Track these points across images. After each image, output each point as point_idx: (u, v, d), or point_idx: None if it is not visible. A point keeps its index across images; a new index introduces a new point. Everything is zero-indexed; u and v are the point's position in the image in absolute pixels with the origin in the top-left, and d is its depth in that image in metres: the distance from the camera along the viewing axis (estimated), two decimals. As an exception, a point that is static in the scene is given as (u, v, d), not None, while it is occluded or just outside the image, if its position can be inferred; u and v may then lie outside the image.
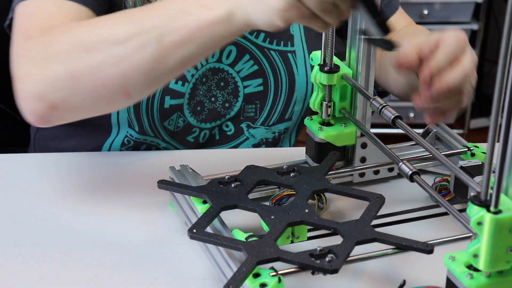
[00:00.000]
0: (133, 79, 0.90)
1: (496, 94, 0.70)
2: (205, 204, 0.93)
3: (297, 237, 0.89)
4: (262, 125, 1.21)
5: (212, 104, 1.18)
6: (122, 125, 1.15)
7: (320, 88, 1.02)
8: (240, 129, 1.20)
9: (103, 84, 0.90)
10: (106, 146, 1.17)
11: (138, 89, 0.91)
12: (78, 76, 0.90)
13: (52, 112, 0.93)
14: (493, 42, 2.90)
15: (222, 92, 1.18)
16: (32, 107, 0.93)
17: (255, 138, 1.21)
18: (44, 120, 0.94)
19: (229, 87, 1.18)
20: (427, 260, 0.87)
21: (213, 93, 1.17)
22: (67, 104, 0.92)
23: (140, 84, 0.91)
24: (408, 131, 0.93)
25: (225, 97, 1.18)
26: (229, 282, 0.79)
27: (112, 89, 0.90)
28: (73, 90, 0.91)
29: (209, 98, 1.17)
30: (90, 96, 0.91)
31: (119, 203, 1.01)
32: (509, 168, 0.73)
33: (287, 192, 0.98)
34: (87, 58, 0.90)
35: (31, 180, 1.06)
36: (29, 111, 0.94)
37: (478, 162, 1.01)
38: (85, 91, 0.91)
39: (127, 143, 1.16)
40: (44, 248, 0.93)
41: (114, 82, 0.90)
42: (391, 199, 1.02)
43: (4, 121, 1.37)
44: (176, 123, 1.16)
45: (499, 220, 0.73)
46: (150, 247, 0.94)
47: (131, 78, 0.90)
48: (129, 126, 1.15)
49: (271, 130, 1.22)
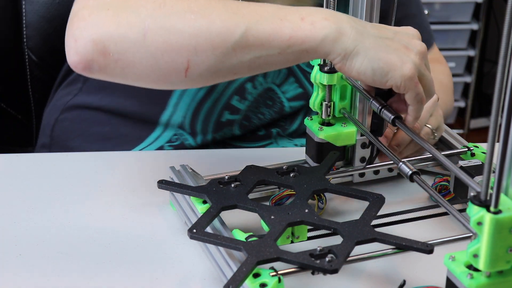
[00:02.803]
0: (201, 57, 0.87)
1: (496, 94, 0.70)
2: (205, 204, 0.93)
3: (297, 237, 0.89)
4: (288, 136, 1.22)
5: (259, 121, 1.19)
6: (172, 126, 1.16)
7: (320, 88, 1.02)
8: (270, 133, 1.22)
9: (170, 49, 0.87)
10: (149, 141, 1.17)
11: (199, 71, 0.88)
12: (149, 34, 0.87)
13: (100, 59, 0.89)
14: (493, 42, 2.90)
15: (269, 110, 1.19)
16: (83, 47, 0.89)
17: (277, 144, 1.22)
18: (86, 66, 0.90)
19: (276, 106, 1.20)
20: (427, 260, 0.87)
21: (261, 110, 1.19)
22: (121, 57, 0.88)
23: (205, 65, 0.88)
24: (408, 131, 0.93)
25: (272, 115, 1.20)
26: (229, 282, 0.79)
27: (176, 58, 0.87)
28: (136, 45, 0.88)
29: (256, 115, 1.19)
30: (150, 58, 0.88)
31: (119, 203, 1.01)
32: (509, 168, 0.73)
33: (287, 192, 0.98)
34: (166, 21, 0.87)
35: (31, 180, 1.06)
36: (77, 50, 0.89)
37: (478, 162, 1.01)
38: (147, 50, 0.88)
39: (174, 140, 1.17)
40: (44, 248, 0.93)
41: (182, 52, 0.87)
42: (391, 199, 1.02)
43: (5, 121, 1.37)
44: (224, 134, 1.18)
45: (499, 220, 0.73)
46: (150, 247, 0.94)
47: (201, 55, 0.87)
48: (179, 127, 1.16)
49: (293, 142, 1.23)
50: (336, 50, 0.88)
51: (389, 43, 0.89)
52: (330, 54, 0.88)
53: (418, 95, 0.90)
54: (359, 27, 0.89)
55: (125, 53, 0.88)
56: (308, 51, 0.88)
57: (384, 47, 0.89)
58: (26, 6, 1.32)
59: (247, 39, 0.87)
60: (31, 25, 1.33)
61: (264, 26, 0.87)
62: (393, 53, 0.89)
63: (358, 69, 0.88)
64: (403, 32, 0.92)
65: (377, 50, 0.88)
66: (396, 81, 0.89)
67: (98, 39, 0.89)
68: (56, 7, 1.34)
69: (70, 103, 1.22)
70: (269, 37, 0.87)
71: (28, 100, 1.37)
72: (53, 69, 1.36)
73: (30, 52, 1.34)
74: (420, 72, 0.90)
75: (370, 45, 0.88)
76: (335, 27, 0.87)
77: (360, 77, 0.90)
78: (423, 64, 0.91)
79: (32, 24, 1.33)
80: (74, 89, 1.23)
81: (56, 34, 1.34)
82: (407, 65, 0.89)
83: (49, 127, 1.26)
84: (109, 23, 0.89)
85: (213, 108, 1.14)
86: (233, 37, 0.87)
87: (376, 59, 0.88)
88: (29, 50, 1.34)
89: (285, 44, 0.87)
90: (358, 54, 0.88)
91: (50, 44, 1.35)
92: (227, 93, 1.16)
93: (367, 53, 0.88)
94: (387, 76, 0.89)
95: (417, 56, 0.90)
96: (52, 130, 1.25)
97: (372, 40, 0.88)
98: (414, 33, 0.93)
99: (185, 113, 1.15)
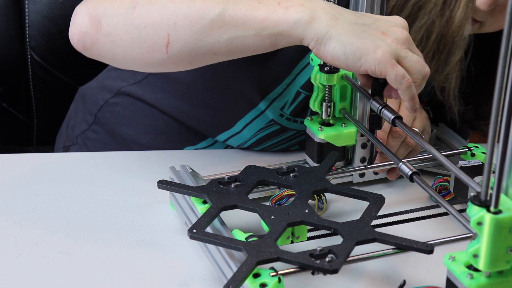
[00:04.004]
0: (180, 33, 0.91)
1: (496, 94, 0.70)
2: (205, 204, 0.93)
3: (297, 237, 0.89)
4: None
5: None
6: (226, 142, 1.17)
7: (320, 89, 1.02)
8: None
9: (152, 23, 0.92)
10: (201, 146, 1.18)
11: (179, 47, 0.92)
12: (137, 8, 0.93)
13: (93, 31, 0.95)
14: (493, 42, 2.89)
15: None
16: (80, 19, 0.96)
17: None
18: (80, 38, 0.96)
19: None
20: (427, 260, 0.87)
21: None
22: (110, 30, 0.94)
23: (183, 41, 0.92)
24: (408, 131, 0.93)
25: None
26: (229, 282, 0.79)
27: (157, 32, 0.92)
28: (124, 18, 0.93)
29: None
30: (134, 30, 0.93)
31: (119, 203, 1.01)
32: (509, 168, 0.73)
33: (287, 192, 0.98)
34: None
35: (31, 180, 1.06)
36: (75, 22, 0.96)
37: (478, 162, 1.01)
38: (132, 23, 0.93)
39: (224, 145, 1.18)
40: (44, 248, 0.93)
41: (163, 27, 0.92)
42: (391, 199, 1.02)
43: (6, 120, 1.37)
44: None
45: (499, 220, 0.73)
46: (150, 247, 0.94)
47: (180, 31, 0.91)
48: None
49: None
50: (309, 34, 0.89)
51: (365, 28, 0.90)
52: (304, 38, 0.90)
53: (398, 76, 0.89)
54: (334, 13, 0.90)
55: (114, 26, 0.94)
56: (283, 34, 0.90)
57: (359, 32, 0.89)
58: (29, 5, 1.32)
59: (223, 18, 0.90)
60: (33, 25, 1.33)
61: (241, 7, 0.91)
62: (367, 38, 0.89)
63: (331, 53, 0.89)
64: (385, 20, 0.92)
65: (349, 35, 0.89)
66: (369, 65, 0.89)
67: (93, 12, 0.95)
68: (58, 7, 1.34)
69: (124, 89, 1.21)
70: (244, 17, 0.90)
71: (29, 100, 1.37)
72: (55, 68, 1.36)
73: (32, 51, 1.34)
74: (398, 55, 0.89)
75: (343, 30, 0.89)
76: (308, 12, 0.89)
77: (334, 62, 0.90)
78: (402, 48, 0.90)
79: (34, 23, 1.33)
80: (129, 76, 1.21)
81: (58, 34, 1.34)
82: (380, 49, 0.88)
83: (96, 105, 1.24)
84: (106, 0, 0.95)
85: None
86: (210, 15, 0.91)
87: (349, 43, 0.88)
88: (31, 50, 1.34)
89: (260, 26, 0.90)
90: (331, 39, 0.89)
91: (53, 43, 1.35)
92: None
93: (340, 37, 0.89)
94: (360, 61, 0.89)
95: (394, 41, 0.89)
96: (100, 110, 1.24)
97: (347, 25, 0.89)
98: (399, 22, 0.93)
99: (246, 141, 1.16)
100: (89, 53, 0.98)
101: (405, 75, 0.89)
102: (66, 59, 1.37)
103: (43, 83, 1.36)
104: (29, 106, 1.38)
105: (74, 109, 1.31)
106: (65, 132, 1.31)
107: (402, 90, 0.90)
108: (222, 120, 1.14)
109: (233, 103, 1.12)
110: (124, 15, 0.93)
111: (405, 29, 0.92)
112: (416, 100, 0.92)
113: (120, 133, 1.20)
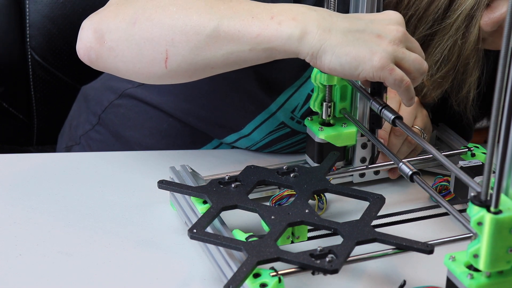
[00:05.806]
0: (177, 48, 0.92)
1: (496, 94, 0.70)
2: (205, 204, 0.93)
3: (297, 237, 0.89)
4: None
5: None
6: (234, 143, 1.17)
7: (320, 89, 1.02)
8: None
9: (151, 39, 0.92)
10: (208, 147, 1.18)
11: (177, 62, 0.92)
12: (137, 24, 0.93)
13: (97, 46, 0.95)
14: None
15: None
16: (85, 34, 0.96)
17: None
18: (86, 52, 0.97)
19: None
20: (427, 260, 0.87)
21: None
22: (113, 45, 0.95)
23: (181, 57, 0.92)
24: (408, 131, 0.93)
25: None
26: (229, 282, 0.79)
27: (156, 48, 0.92)
28: (125, 34, 0.94)
29: None
30: (135, 46, 0.94)
31: (119, 203, 1.01)
32: (509, 168, 0.73)
33: (287, 192, 0.98)
34: (153, 12, 0.93)
35: (31, 180, 1.06)
36: (81, 37, 0.97)
37: (478, 162, 1.01)
38: (133, 38, 0.93)
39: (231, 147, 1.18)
40: (44, 248, 0.93)
41: (161, 43, 0.92)
42: (391, 199, 1.02)
43: (7, 120, 1.37)
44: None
45: (499, 220, 0.73)
46: (150, 247, 0.94)
47: (177, 46, 0.92)
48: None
49: None
50: (303, 49, 0.89)
51: (359, 35, 0.89)
52: (299, 53, 0.90)
53: (397, 80, 0.89)
54: (326, 24, 0.89)
55: (117, 41, 0.95)
56: (277, 49, 0.90)
57: (353, 41, 0.89)
58: (30, 5, 1.32)
59: (218, 33, 0.91)
60: (34, 25, 1.33)
61: (235, 22, 0.90)
62: (362, 46, 0.89)
63: (328, 66, 0.89)
64: (379, 19, 0.92)
65: (344, 45, 0.88)
66: (367, 73, 0.89)
67: (97, 27, 0.95)
68: (59, 7, 1.34)
69: (129, 91, 1.21)
70: (239, 33, 0.90)
71: (30, 100, 1.37)
72: (55, 69, 1.36)
73: (33, 51, 1.34)
74: (396, 58, 0.89)
75: (337, 42, 0.88)
76: (300, 27, 0.89)
77: (332, 73, 0.91)
78: (399, 49, 0.90)
79: (35, 23, 1.33)
80: None
81: (59, 34, 1.34)
82: (377, 55, 0.88)
83: (100, 106, 1.24)
84: (110, 15, 0.96)
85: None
86: (206, 31, 0.91)
87: (343, 54, 0.88)
88: (32, 50, 1.34)
89: (254, 41, 0.90)
90: (325, 52, 0.89)
91: (53, 44, 1.35)
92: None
93: (334, 50, 0.88)
94: (358, 70, 0.89)
95: (390, 44, 0.89)
96: (104, 111, 1.24)
97: (340, 36, 0.89)
98: (393, 18, 0.92)
99: (256, 144, 1.15)
100: (95, 66, 0.99)
101: (404, 78, 0.90)
102: (66, 59, 1.37)
103: (44, 83, 1.36)
104: (29, 106, 1.38)
105: (76, 109, 1.31)
106: (68, 132, 1.31)
107: (401, 91, 0.91)
108: (230, 122, 1.14)
109: (241, 105, 1.12)
110: (125, 31, 0.94)
111: (400, 25, 0.91)
112: (414, 99, 0.93)
113: (124, 135, 1.20)
